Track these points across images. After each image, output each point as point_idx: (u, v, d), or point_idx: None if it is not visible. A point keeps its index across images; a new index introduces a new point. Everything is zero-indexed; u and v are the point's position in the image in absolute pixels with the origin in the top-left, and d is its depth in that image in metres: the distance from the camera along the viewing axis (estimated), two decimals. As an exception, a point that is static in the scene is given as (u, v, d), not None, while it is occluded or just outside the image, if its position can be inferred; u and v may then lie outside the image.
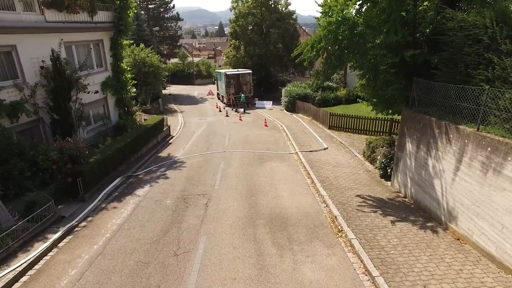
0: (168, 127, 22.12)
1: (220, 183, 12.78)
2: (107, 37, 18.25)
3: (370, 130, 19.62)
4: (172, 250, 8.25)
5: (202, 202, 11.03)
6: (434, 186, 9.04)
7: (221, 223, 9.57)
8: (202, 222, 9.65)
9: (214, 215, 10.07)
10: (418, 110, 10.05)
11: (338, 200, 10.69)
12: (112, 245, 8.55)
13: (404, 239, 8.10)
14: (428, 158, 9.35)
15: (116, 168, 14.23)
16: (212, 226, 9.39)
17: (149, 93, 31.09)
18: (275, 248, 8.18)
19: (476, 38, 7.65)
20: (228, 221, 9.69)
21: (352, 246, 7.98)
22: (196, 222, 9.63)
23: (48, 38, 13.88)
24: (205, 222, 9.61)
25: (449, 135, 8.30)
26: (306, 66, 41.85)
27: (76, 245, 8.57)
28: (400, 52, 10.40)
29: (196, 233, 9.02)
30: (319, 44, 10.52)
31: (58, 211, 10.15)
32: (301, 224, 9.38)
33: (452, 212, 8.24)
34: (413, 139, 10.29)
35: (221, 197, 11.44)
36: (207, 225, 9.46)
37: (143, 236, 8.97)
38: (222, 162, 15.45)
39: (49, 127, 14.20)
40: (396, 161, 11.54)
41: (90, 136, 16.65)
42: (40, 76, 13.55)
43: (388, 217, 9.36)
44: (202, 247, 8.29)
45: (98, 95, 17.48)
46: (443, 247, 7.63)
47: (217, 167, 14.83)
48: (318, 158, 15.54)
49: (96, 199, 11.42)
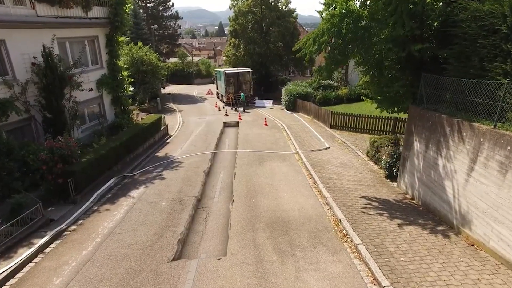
0: (166, 126, 21.60)
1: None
2: (103, 34, 17.70)
3: (373, 129, 19.11)
4: (166, 256, 7.71)
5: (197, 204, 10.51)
6: (445, 187, 8.50)
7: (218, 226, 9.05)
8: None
9: (212, 217, 9.54)
10: (426, 107, 9.52)
11: (342, 202, 10.15)
12: (102, 250, 8.02)
13: (414, 245, 7.56)
14: (438, 157, 8.81)
15: (111, 168, 13.71)
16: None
17: (147, 92, 30.57)
18: (276, 254, 7.64)
19: (493, 28, 7.10)
20: (226, 224, 9.15)
21: (359, 252, 7.44)
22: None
23: (40, 33, 13.34)
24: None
25: (462, 133, 7.77)
26: (306, 65, 41.64)
27: (64, 251, 8.03)
28: (407, 46, 9.87)
29: (192, 237, 8.51)
30: (322, 38, 9.97)
31: (47, 213, 9.62)
32: (303, 228, 8.84)
33: (466, 215, 7.70)
34: (421, 138, 9.75)
35: (219, 198, 10.91)
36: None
37: (136, 241, 8.44)
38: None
39: (41, 125, 13.67)
40: (403, 161, 11.00)
41: (85, 135, 16.11)
42: (32, 73, 13.00)
43: (396, 220, 8.82)
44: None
45: (93, 93, 16.95)
46: (457, 253, 7.09)
47: (216, 167, 14.31)
48: (320, 158, 15.01)
49: (88, 201, 10.90)
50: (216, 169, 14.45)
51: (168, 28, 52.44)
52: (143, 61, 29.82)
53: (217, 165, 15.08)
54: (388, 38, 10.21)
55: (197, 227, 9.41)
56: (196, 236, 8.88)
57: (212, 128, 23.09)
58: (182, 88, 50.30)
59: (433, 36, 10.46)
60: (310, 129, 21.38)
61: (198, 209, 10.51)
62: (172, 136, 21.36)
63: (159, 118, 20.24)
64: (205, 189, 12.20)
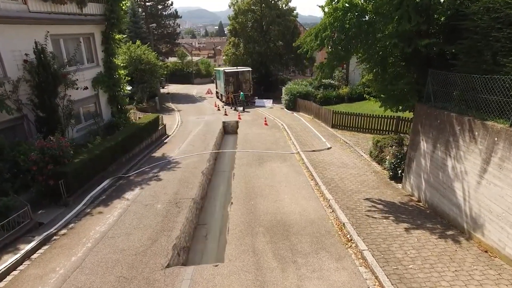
0: (163, 126, 21.16)
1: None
2: (99, 31, 17.25)
3: (375, 128, 18.70)
4: (160, 262, 7.28)
5: (196, 207, 10.06)
6: (455, 189, 8.06)
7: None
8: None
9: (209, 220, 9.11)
10: (434, 106, 9.08)
11: (345, 204, 9.71)
12: (92, 256, 7.58)
13: (423, 251, 7.12)
14: (447, 158, 8.37)
15: (106, 169, 13.28)
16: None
17: (146, 91, 30.13)
18: (276, 260, 7.20)
19: (509, 20, 6.67)
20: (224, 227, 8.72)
21: (364, 259, 7.01)
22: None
23: (32, 29, 12.87)
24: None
25: (473, 132, 7.33)
26: (307, 65, 41.24)
27: (52, 257, 7.59)
28: (413, 42, 9.44)
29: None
30: (324, 33, 9.53)
31: (36, 217, 9.18)
32: (305, 232, 8.40)
33: (478, 219, 7.26)
34: (428, 138, 9.31)
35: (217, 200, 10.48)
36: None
37: (128, 246, 7.99)
38: (219, 163, 14.49)
39: (34, 125, 13.23)
40: (408, 162, 10.56)
41: (80, 135, 15.67)
42: (24, 70, 12.57)
43: (402, 224, 8.38)
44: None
45: (89, 92, 16.51)
46: (470, 260, 6.65)
47: (214, 168, 13.87)
48: (321, 158, 14.57)
49: (81, 203, 10.45)
50: (215, 170, 14.01)
51: (167, 27, 51.95)
52: (141, 60, 29.38)
53: (215, 165, 14.64)
54: (393, 33, 9.78)
55: (195, 231, 8.96)
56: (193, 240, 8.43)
57: (211, 127, 22.64)
58: (181, 87, 49.87)
59: (439, 31, 10.04)
60: (311, 128, 20.95)
61: (195, 212, 10.07)
62: (170, 136, 20.93)
63: (156, 118, 19.80)
64: (203, 190, 11.76)
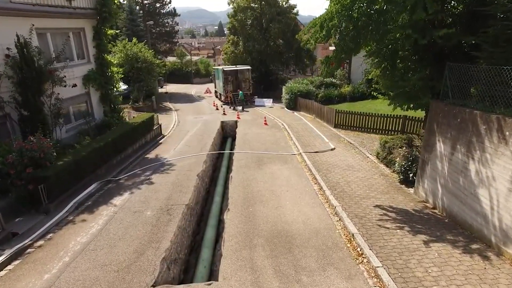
0: (159, 126, 20.24)
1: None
2: (90, 26, 16.32)
3: (380, 128, 17.78)
4: (145, 281, 6.37)
5: (190, 213, 9.15)
6: (479, 197, 7.15)
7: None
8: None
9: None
10: (453, 103, 8.17)
11: (353, 212, 8.80)
12: (68, 273, 6.66)
13: (447, 268, 6.21)
14: (469, 161, 7.46)
15: (94, 171, 12.36)
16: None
17: (142, 90, 29.22)
18: (277, 279, 6.29)
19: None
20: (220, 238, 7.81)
21: (379, 277, 6.09)
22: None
23: (15, 22, 11.95)
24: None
25: (503, 132, 6.42)
26: (307, 63, 40.33)
27: (22, 274, 6.67)
28: (428, 32, 8.55)
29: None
30: (331, 22, 8.64)
31: (9, 226, 8.26)
32: (309, 244, 7.49)
33: (509, 232, 6.35)
34: (446, 138, 8.40)
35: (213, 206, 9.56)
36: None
37: (111, 260, 7.08)
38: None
39: (17, 124, 12.33)
40: (422, 165, 9.64)
41: (69, 135, 14.76)
42: (5, 66, 11.68)
43: (419, 236, 7.46)
44: (183, 277, 6.40)
45: (79, 90, 15.58)
46: (504, 282, 5.73)
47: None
48: (325, 160, 13.66)
49: (63, 210, 9.54)
50: (211, 172, 13.08)
51: (165, 25, 51.07)
52: (138, 58, 28.49)
53: (212, 168, 13.72)
54: (406, 23, 8.90)
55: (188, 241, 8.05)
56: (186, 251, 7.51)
57: (209, 127, 21.73)
58: (180, 87, 48.96)
59: (456, 20, 9.17)
60: (312, 128, 20.04)
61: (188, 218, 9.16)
62: (166, 136, 20.02)
63: (151, 117, 18.88)
64: (197, 195, 10.85)
